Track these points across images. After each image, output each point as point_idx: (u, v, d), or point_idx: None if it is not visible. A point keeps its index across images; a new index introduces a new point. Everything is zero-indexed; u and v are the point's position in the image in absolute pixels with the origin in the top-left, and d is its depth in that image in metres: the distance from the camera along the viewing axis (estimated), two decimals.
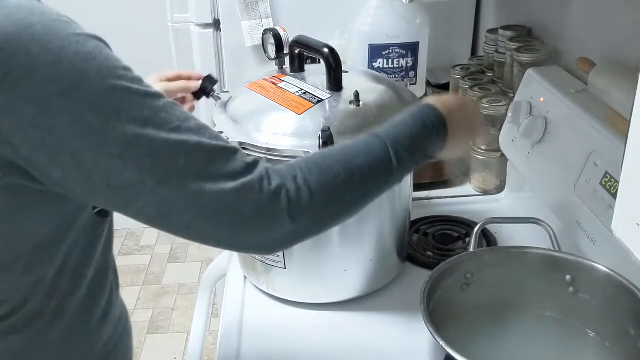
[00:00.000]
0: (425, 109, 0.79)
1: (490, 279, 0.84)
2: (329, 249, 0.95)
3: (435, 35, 1.39)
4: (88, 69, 0.54)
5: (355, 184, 0.70)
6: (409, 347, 0.89)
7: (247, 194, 0.61)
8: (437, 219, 1.17)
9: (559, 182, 0.98)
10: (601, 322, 0.80)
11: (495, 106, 1.20)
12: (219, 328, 0.97)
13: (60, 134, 0.53)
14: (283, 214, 0.63)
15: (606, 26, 1.03)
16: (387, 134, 0.75)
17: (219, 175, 0.59)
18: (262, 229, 0.63)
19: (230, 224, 0.62)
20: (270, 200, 0.62)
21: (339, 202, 0.70)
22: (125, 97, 0.55)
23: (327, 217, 0.69)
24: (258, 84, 0.97)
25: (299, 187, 0.64)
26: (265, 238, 0.65)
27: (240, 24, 1.42)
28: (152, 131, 0.56)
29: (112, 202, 0.60)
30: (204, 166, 0.59)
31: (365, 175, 0.71)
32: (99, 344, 0.78)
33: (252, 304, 1.01)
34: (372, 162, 0.72)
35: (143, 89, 0.57)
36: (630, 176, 0.47)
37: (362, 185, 0.71)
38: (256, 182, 0.62)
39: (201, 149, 0.59)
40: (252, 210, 0.61)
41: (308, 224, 0.66)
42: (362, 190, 0.72)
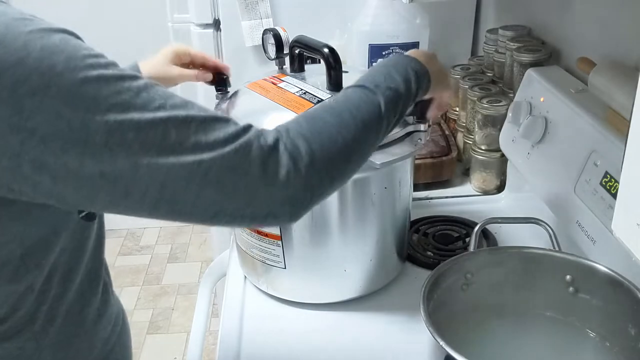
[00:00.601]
0: (402, 56, 0.81)
1: (490, 279, 0.84)
2: (329, 249, 0.95)
3: (435, 35, 1.39)
4: (56, 63, 0.51)
5: (345, 125, 0.68)
6: (409, 347, 0.89)
7: (247, 152, 0.59)
8: (437, 219, 1.17)
9: (559, 182, 0.98)
10: (601, 322, 0.80)
11: (495, 106, 1.20)
12: (219, 328, 0.97)
13: (40, 135, 0.51)
14: (287, 162, 0.61)
15: (606, 26, 1.03)
16: (367, 79, 0.75)
17: (215, 143, 0.57)
18: (271, 184, 0.60)
19: (238, 188, 0.59)
20: (271, 152, 0.61)
21: (335, 142, 0.67)
22: (100, 84, 0.53)
23: (329, 159, 0.66)
24: (258, 84, 0.97)
25: (293, 138, 0.63)
26: (279, 197, 0.62)
27: (240, 24, 1.42)
28: (135, 114, 0.54)
29: (112, 198, 0.56)
30: (198, 136, 0.57)
31: (354, 114, 0.70)
32: (96, 344, 0.78)
33: (252, 304, 1.01)
34: (357, 103, 0.72)
35: (118, 72, 0.55)
36: (630, 176, 0.47)
37: (354, 125, 0.69)
38: (253, 139, 0.60)
39: (191, 120, 0.57)
40: (256, 166, 0.60)
41: (313, 170, 0.64)
42: (355, 129, 0.69)
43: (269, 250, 0.96)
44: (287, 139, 0.63)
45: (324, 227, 0.93)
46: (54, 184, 0.53)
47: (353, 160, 0.70)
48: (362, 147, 0.71)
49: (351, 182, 0.90)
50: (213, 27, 1.45)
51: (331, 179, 0.67)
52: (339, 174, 0.69)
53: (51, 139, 0.51)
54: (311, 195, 0.64)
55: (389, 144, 0.89)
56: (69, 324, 0.72)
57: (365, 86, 0.74)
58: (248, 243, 0.99)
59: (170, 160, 0.55)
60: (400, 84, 0.76)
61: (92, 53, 0.55)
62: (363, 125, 0.70)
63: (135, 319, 2.39)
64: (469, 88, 1.27)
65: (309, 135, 0.64)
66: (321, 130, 0.66)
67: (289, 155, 0.62)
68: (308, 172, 0.63)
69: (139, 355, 2.23)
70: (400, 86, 0.76)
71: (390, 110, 0.74)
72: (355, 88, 0.75)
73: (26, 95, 0.50)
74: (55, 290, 0.69)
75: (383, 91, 0.74)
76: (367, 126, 0.71)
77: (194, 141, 0.56)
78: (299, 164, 0.62)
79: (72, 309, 0.72)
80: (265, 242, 0.95)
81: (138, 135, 0.53)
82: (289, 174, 0.61)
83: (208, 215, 0.60)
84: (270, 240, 0.95)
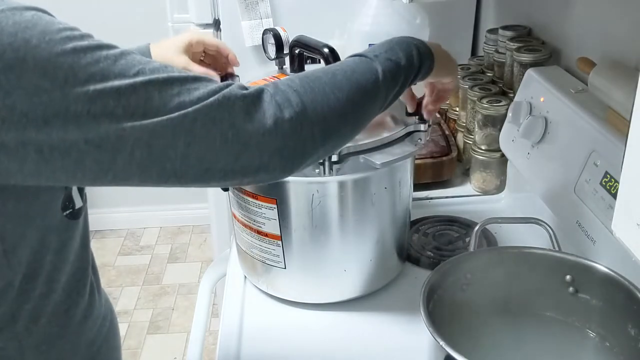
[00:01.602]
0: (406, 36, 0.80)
1: (490, 279, 0.84)
2: (329, 249, 0.95)
3: (435, 35, 1.39)
4: (30, 37, 0.51)
5: (339, 85, 0.67)
6: (409, 347, 0.89)
7: (230, 103, 0.59)
8: (437, 219, 1.17)
9: (559, 182, 0.99)
10: (601, 322, 0.80)
11: (495, 106, 1.20)
12: (219, 328, 0.97)
13: (21, 110, 0.51)
14: (273, 111, 0.61)
15: (606, 26, 1.03)
16: (368, 51, 0.75)
17: (198, 99, 0.58)
18: (257, 132, 0.60)
19: (225, 140, 0.59)
20: (255, 101, 0.60)
21: (328, 99, 0.66)
22: (77, 55, 0.53)
23: (322, 115, 0.65)
24: (258, 84, 0.97)
25: (283, 90, 0.63)
26: (268, 147, 0.61)
27: (240, 24, 1.42)
28: (115, 81, 0.54)
29: (101, 166, 0.56)
30: (182, 96, 0.57)
31: (348, 76, 0.69)
32: (81, 346, 0.76)
33: (252, 304, 1.01)
34: (353, 67, 0.71)
35: (94, 42, 0.55)
36: (630, 176, 0.47)
37: (348, 86, 0.68)
38: (236, 91, 0.60)
39: (173, 81, 0.57)
40: (240, 115, 0.59)
41: (304, 122, 0.63)
42: (349, 90, 0.68)
43: (269, 250, 0.96)
44: (276, 91, 0.63)
45: (324, 227, 0.93)
46: (41, 157, 0.53)
47: (347, 121, 0.69)
48: (357, 109, 0.70)
49: (351, 182, 0.90)
50: (213, 27, 1.45)
51: (324, 136, 0.66)
52: (332, 132, 0.67)
53: (32, 113, 0.51)
54: (302, 149, 0.64)
55: (389, 144, 0.89)
56: (53, 324, 0.71)
57: (364, 55, 0.74)
58: (248, 243, 0.99)
59: (154, 121, 0.55)
60: (401, 57, 0.75)
61: (66, 27, 0.55)
62: (358, 87, 0.69)
63: (135, 319, 2.39)
64: (469, 88, 1.27)
65: (300, 89, 0.64)
66: (314, 87, 0.65)
67: (275, 105, 0.61)
68: (298, 122, 0.62)
69: (139, 355, 2.23)
70: (401, 59, 0.75)
71: (389, 79, 0.73)
72: (353, 56, 0.75)
73: (2, 72, 0.50)
74: (40, 289, 0.68)
75: (382, 61, 0.73)
76: (362, 89, 0.70)
77: (177, 101, 0.56)
78: (287, 112, 0.61)
79: (58, 309, 0.71)
80: (265, 242, 0.95)
81: (120, 101, 0.54)
82: (276, 122, 0.60)
83: (199, 173, 0.59)
84: (270, 240, 0.95)
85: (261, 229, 0.95)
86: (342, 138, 0.71)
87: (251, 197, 0.93)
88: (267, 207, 0.92)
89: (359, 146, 0.86)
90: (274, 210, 0.92)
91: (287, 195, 0.91)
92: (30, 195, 0.60)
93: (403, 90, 0.78)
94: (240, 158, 0.60)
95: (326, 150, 0.69)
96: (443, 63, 0.84)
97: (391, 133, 0.89)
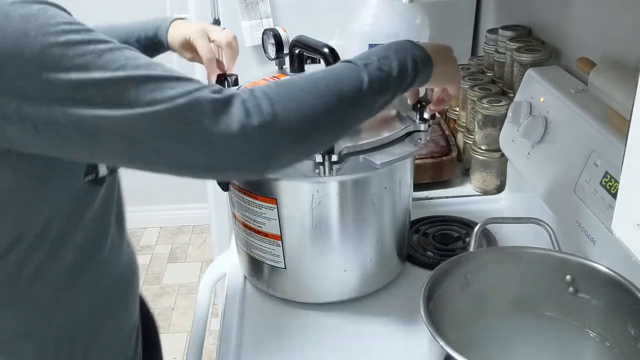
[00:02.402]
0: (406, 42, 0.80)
1: (490, 279, 0.84)
2: (329, 249, 0.95)
3: (435, 35, 1.39)
4: (30, 29, 0.58)
5: (318, 93, 0.68)
6: (409, 347, 0.89)
7: (200, 105, 0.62)
8: (437, 219, 1.17)
9: (559, 182, 0.99)
10: (601, 322, 0.80)
11: (495, 106, 1.20)
12: (219, 328, 0.97)
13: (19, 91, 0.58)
14: (240, 116, 0.63)
15: (606, 26, 1.03)
16: (360, 57, 0.75)
17: (170, 97, 0.61)
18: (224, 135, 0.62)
19: (194, 139, 0.62)
20: (224, 105, 0.62)
21: (302, 107, 0.67)
22: (67, 47, 0.59)
23: (294, 122, 0.66)
24: (258, 84, 0.97)
25: (257, 97, 0.65)
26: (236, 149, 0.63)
27: (240, 24, 1.42)
28: (97, 73, 0.59)
29: (85, 147, 0.62)
30: (155, 93, 0.60)
31: (330, 85, 0.70)
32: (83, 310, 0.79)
33: (252, 304, 1.01)
34: (337, 74, 0.72)
35: (87, 37, 0.60)
36: (630, 176, 0.47)
37: (327, 95, 0.69)
38: (208, 93, 0.62)
39: (151, 78, 0.61)
40: (208, 117, 0.62)
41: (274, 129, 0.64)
42: (328, 99, 0.69)
43: (269, 250, 0.96)
44: (249, 97, 0.64)
45: (324, 227, 0.93)
46: (36, 131, 0.60)
47: (323, 127, 0.70)
48: (335, 117, 0.70)
49: (351, 182, 0.90)
50: None
51: (295, 142, 0.67)
52: (306, 138, 0.68)
53: (27, 92, 0.58)
54: (273, 153, 0.66)
55: (389, 144, 0.89)
56: (61, 288, 0.75)
57: (354, 62, 0.74)
58: (248, 243, 0.99)
59: (128, 113, 0.60)
60: (394, 67, 0.75)
61: (67, 21, 0.61)
62: (339, 95, 0.70)
63: None
64: (469, 88, 1.27)
65: (275, 97, 0.65)
66: (290, 94, 0.67)
67: (244, 110, 0.63)
68: (266, 129, 0.64)
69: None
70: (393, 69, 0.75)
71: (376, 89, 0.73)
72: (343, 63, 0.75)
73: (4, 58, 0.57)
74: (51, 245, 0.72)
75: (372, 70, 0.73)
76: (343, 98, 0.70)
77: (150, 98, 0.60)
78: (255, 119, 0.63)
79: (68, 271, 0.75)
80: (265, 242, 0.95)
81: (99, 92, 0.59)
82: (242, 127, 0.62)
83: (170, 165, 0.64)
84: (270, 240, 0.95)
85: (261, 229, 0.95)
86: (318, 143, 0.72)
87: (251, 197, 0.93)
88: (267, 207, 0.92)
89: (359, 146, 0.86)
90: (274, 210, 0.92)
91: (287, 195, 0.91)
92: (51, 158, 0.65)
93: (394, 97, 0.78)
94: (209, 157, 0.63)
95: (300, 154, 0.71)
96: (443, 71, 0.83)
97: (391, 133, 0.89)
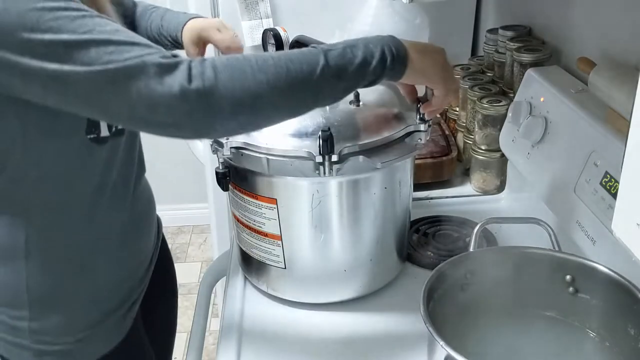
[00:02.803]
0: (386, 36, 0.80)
1: (490, 279, 0.84)
2: (329, 249, 0.95)
3: (435, 35, 1.39)
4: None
5: (266, 70, 0.71)
6: (409, 347, 0.89)
7: (147, 65, 0.68)
8: (437, 219, 1.17)
9: (559, 182, 0.99)
10: (601, 322, 0.80)
11: (495, 106, 1.20)
12: (219, 328, 0.97)
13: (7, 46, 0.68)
14: (182, 78, 0.68)
15: (606, 26, 1.03)
16: (330, 44, 0.77)
17: (125, 59, 0.68)
18: (166, 95, 0.68)
19: (140, 95, 0.69)
20: (169, 67, 0.69)
21: (245, 80, 0.71)
22: (44, 11, 0.68)
23: (235, 92, 0.70)
24: None
25: (205, 65, 0.70)
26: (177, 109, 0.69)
27: (240, 24, 1.42)
28: (66, 35, 0.68)
29: (60, 95, 0.71)
30: (113, 55, 0.68)
31: (280, 64, 0.72)
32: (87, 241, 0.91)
33: (252, 304, 1.01)
34: (293, 56, 0.74)
35: (64, 4, 0.69)
36: (630, 176, 0.47)
37: (275, 73, 0.72)
38: (158, 57, 0.69)
39: (111, 43, 0.69)
40: (152, 76, 0.68)
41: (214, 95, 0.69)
42: (275, 76, 0.72)
43: (269, 250, 0.96)
44: (197, 65, 0.70)
45: (324, 227, 0.93)
46: (22, 80, 0.71)
47: (265, 104, 0.73)
48: (278, 96, 0.73)
49: (351, 181, 0.90)
50: None
51: (234, 112, 0.71)
52: (245, 110, 0.72)
53: (13, 49, 0.69)
54: (211, 117, 0.71)
55: (389, 144, 0.89)
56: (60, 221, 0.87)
57: (316, 47, 0.75)
58: (248, 243, 0.99)
59: (88, 69, 0.68)
60: (357, 55, 0.75)
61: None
62: (287, 75, 0.72)
63: None
64: (469, 88, 1.27)
65: (220, 67, 0.70)
66: (236, 66, 0.71)
67: (187, 75, 0.69)
68: (204, 93, 0.69)
69: None
70: (356, 57, 0.75)
71: (331, 75, 0.74)
72: (308, 47, 0.76)
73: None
74: (53, 195, 0.85)
75: (332, 55, 0.74)
76: (289, 78, 0.72)
77: (107, 58, 0.68)
78: (195, 83, 0.69)
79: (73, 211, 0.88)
80: (265, 242, 0.95)
81: (66, 50, 0.68)
82: (182, 89, 0.68)
83: (125, 117, 0.72)
84: (270, 240, 0.95)
85: (261, 229, 0.95)
86: (262, 118, 0.75)
87: (251, 197, 0.93)
88: (267, 207, 0.92)
89: (359, 146, 0.86)
90: (274, 210, 0.92)
91: (287, 195, 0.91)
92: (52, 113, 0.75)
93: (358, 86, 0.78)
94: (154, 113, 0.70)
95: (243, 124, 0.75)
96: (421, 68, 0.82)
97: (391, 133, 0.89)
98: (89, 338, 0.93)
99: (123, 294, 0.97)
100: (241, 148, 0.89)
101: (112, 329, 0.96)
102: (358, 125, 0.88)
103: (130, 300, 0.98)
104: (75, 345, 0.92)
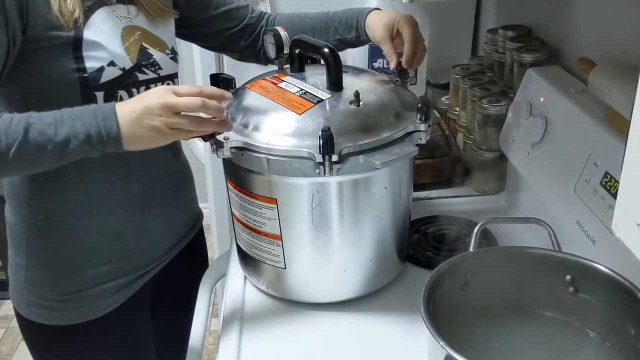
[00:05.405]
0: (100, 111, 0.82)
1: (490, 279, 0.84)
2: (329, 249, 0.95)
3: (435, 35, 1.39)
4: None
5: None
6: (409, 347, 0.89)
7: None
8: (437, 219, 1.17)
9: (559, 182, 0.99)
10: (601, 322, 0.80)
11: (495, 106, 1.20)
12: (219, 328, 0.97)
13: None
14: None
15: (606, 26, 1.03)
16: (47, 116, 0.81)
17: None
18: None
19: None
20: None
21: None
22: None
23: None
24: (258, 84, 0.97)
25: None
26: None
27: None
28: None
29: None
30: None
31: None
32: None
33: (252, 304, 1.01)
34: (8, 124, 0.79)
35: None
36: (630, 176, 0.47)
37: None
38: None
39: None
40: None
41: None
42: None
43: (269, 250, 0.96)
44: None
45: (324, 227, 0.93)
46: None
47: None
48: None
49: (351, 181, 0.90)
50: None
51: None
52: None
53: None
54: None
55: (389, 144, 0.89)
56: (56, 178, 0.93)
57: (26, 118, 0.80)
58: (248, 243, 0.99)
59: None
60: (59, 136, 0.79)
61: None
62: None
63: None
64: (469, 88, 1.27)
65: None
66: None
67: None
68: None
69: None
70: (58, 137, 0.79)
71: (31, 152, 0.79)
72: (30, 115, 0.81)
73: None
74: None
75: (33, 133, 0.79)
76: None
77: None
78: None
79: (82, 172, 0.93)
80: (265, 242, 0.95)
81: None
82: None
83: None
84: (270, 240, 0.95)
85: (261, 229, 0.95)
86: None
87: (251, 197, 0.93)
88: (267, 207, 0.92)
89: (359, 146, 0.86)
90: (274, 210, 0.92)
91: (287, 195, 0.91)
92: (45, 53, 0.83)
93: (70, 159, 0.82)
94: None
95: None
96: (137, 142, 0.82)
97: (391, 133, 0.89)
98: (75, 301, 0.99)
99: (115, 268, 1.01)
100: (241, 148, 0.89)
101: (99, 299, 1.01)
102: (358, 125, 0.88)
103: (125, 278, 1.03)
104: (61, 305, 0.99)
